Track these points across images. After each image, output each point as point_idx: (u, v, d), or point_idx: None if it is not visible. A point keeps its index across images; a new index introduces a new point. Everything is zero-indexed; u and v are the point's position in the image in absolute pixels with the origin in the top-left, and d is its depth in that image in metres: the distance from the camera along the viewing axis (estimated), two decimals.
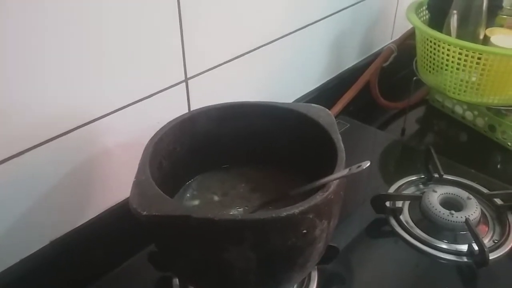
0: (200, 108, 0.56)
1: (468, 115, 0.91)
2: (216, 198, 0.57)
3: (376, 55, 0.97)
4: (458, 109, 0.93)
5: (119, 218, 0.59)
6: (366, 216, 0.67)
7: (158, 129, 0.52)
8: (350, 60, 0.97)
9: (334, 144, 0.50)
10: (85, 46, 0.50)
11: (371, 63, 0.94)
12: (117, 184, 0.60)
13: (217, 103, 0.57)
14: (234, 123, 0.57)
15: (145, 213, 0.41)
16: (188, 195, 0.57)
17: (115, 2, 0.51)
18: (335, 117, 0.87)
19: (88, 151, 0.55)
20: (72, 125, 0.52)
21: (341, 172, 0.44)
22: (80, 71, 0.51)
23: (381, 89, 0.95)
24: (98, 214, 0.59)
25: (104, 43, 0.52)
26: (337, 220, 0.49)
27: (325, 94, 0.90)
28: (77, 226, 0.58)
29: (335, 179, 0.44)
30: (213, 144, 0.58)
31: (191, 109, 0.65)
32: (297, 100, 0.86)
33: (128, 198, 0.59)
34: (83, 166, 0.55)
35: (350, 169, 0.43)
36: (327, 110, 0.55)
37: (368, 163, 0.42)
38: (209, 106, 0.56)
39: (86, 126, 0.54)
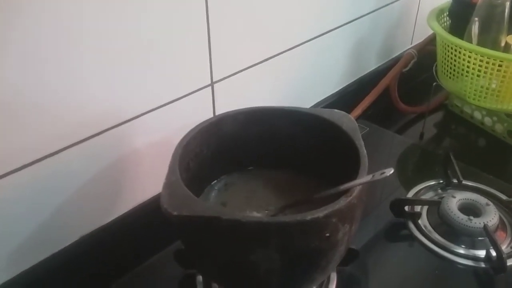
0: (226, 112, 0.58)
1: (487, 120, 0.92)
2: (239, 199, 0.59)
3: (396, 59, 0.98)
4: (477, 115, 0.94)
5: (147, 215, 0.61)
6: (385, 219, 0.68)
7: (184, 131, 0.54)
8: (370, 65, 0.98)
9: (357, 150, 0.51)
10: (119, 51, 0.53)
11: (391, 68, 0.95)
12: (145, 182, 0.62)
13: (240, 106, 0.59)
14: (259, 126, 0.59)
15: (175, 213, 0.43)
16: (213, 195, 0.59)
17: (145, 7, 0.53)
18: None
19: (119, 150, 0.58)
20: (105, 126, 0.55)
21: (364, 178, 0.46)
22: (115, 75, 0.53)
23: (401, 94, 0.96)
24: (127, 211, 0.62)
25: (137, 50, 0.54)
26: (358, 224, 0.50)
27: (345, 98, 0.91)
28: (106, 222, 0.60)
29: (358, 185, 0.45)
30: (238, 146, 0.59)
31: (216, 112, 0.68)
32: (318, 103, 0.88)
33: (155, 196, 0.62)
34: (114, 165, 0.58)
35: (373, 176, 0.45)
36: (350, 115, 0.57)
37: (391, 170, 0.44)
38: (235, 110, 0.58)
39: (118, 127, 0.56)
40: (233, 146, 0.59)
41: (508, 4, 0.74)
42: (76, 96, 0.51)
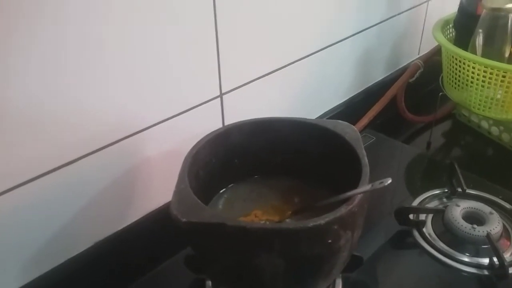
0: (234, 123, 0.60)
1: (494, 130, 0.92)
2: (246, 206, 0.61)
3: (403, 70, 0.99)
4: (484, 124, 0.94)
5: (158, 222, 0.63)
6: (390, 227, 0.70)
7: (194, 141, 0.56)
8: (377, 75, 1.00)
9: (359, 159, 0.53)
10: (133, 64, 0.55)
11: (398, 78, 0.97)
12: (156, 190, 0.65)
13: (248, 117, 0.61)
14: (265, 136, 0.61)
15: (184, 220, 0.45)
16: (221, 203, 0.62)
17: (156, 21, 0.55)
18: (362, 131, 0.90)
19: (132, 160, 0.60)
20: (118, 136, 0.58)
21: (364, 187, 0.48)
22: (128, 87, 0.56)
23: (408, 104, 0.97)
24: (139, 218, 0.64)
25: (149, 63, 0.57)
26: (361, 231, 0.51)
27: (352, 108, 0.93)
28: (119, 229, 0.63)
29: (359, 193, 0.47)
30: (245, 156, 0.62)
31: (225, 123, 0.70)
32: (325, 113, 0.90)
33: (166, 203, 0.64)
34: (127, 173, 0.60)
35: (372, 185, 0.46)
36: (353, 126, 0.59)
37: (389, 180, 0.45)
38: (242, 121, 0.60)
39: (131, 137, 0.59)
40: (240, 155, 0.61)
41: (511, 16, 0.75)
42: (91, 108, 0.53)
